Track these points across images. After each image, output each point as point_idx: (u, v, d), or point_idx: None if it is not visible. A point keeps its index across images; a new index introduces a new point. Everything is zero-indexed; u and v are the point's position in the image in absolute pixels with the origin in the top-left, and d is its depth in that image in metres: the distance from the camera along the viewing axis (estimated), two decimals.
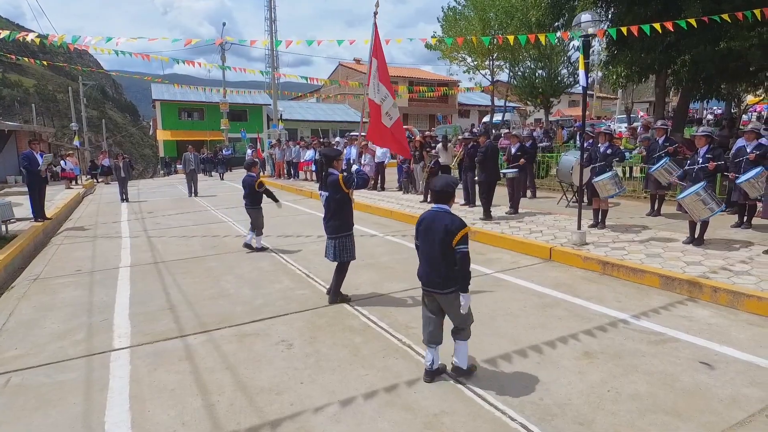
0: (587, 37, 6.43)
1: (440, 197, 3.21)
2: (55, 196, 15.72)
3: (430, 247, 3.15)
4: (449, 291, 3.14)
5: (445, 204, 3.20)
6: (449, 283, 3.13)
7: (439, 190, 3.20)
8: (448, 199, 3.21)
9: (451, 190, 3.22)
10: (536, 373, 3.42)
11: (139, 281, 5.96)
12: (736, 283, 4.80)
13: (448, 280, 3.13)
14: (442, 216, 3.13)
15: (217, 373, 3.52)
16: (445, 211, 3.16)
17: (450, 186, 3.21)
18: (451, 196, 3.23)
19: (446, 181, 3.23)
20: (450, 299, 3.16)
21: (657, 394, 3.11)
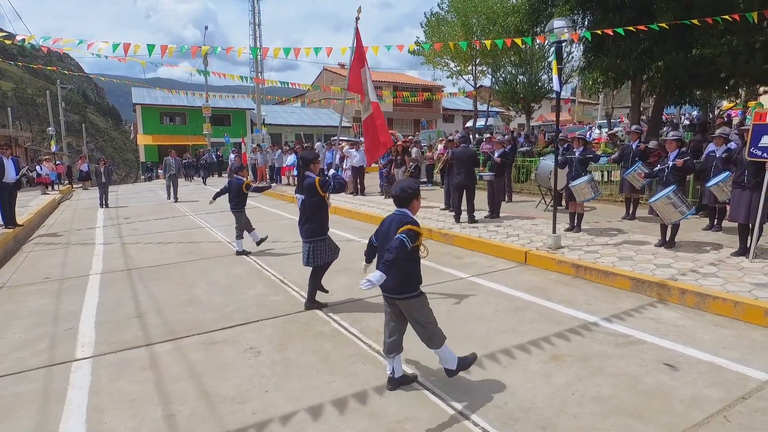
0: (560, 43, 6.53)
1: (400, 201, 3.15)
2: (30, 202, 15.40)
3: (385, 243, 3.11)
4: (407, 296, 3.10)
5: (406, 208, 3.14)
6: (406, 288, 3.09)
7: (397, 194, 3.14)
8: (408, 203, 3.14)
9: (409, 193, 3.13)
10: (503, 376, 3.43)
11: (109, 289, 5.84)
12: (703, 285, 4.88)
13: (405, 283, 3.09)
14: (398, 217, 3.10)
15: (182, 382, 3.45)
16: (403, 214, 3.12)
17: (407, 190, 3.14)
18: (411, 199, 3.15)
19: (403, 185, 3.17)
20: (407, 305, 3.12)
21: (620, 396, 3.14)
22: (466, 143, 9.34)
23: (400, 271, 3.02)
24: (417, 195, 3.17)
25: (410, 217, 3.07)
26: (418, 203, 3.19)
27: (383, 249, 3.10)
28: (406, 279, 3.08)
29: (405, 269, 3.05)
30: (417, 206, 3.19)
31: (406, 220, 3.03)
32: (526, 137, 15.51)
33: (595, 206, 10.43)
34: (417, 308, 3.13)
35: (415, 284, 3.13)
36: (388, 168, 13.34)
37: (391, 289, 3.10)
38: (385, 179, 13.46)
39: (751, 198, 5.66)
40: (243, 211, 7.64)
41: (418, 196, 3.19)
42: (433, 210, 10.72)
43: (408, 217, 3.08)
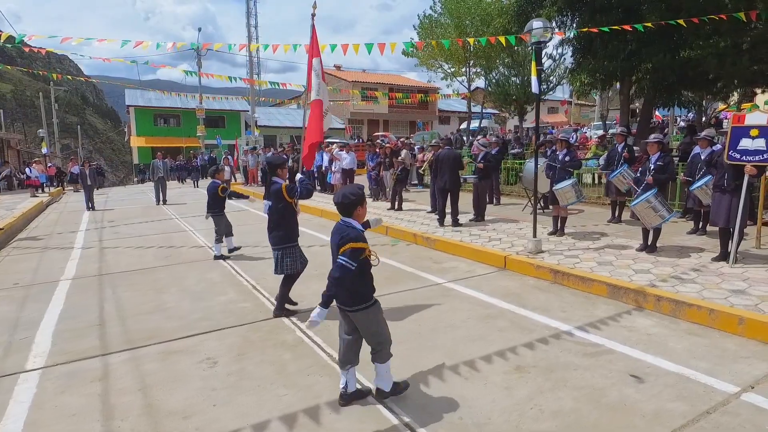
0: (539, 44, 6.42)
1: (343, 209, 3.00)
2: (17, 205, 15.26)
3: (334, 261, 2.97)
4: (358, 308, 2.97)
5: (349, 216, 3.00)
6: (357, 300, 2.97)
7: (338, 203, 2.99)
8: (350, 211, 2.99)
9: (351, 200, 2.97)
10: (463, 389, 3.30)
11: (76, 295, 5.72)
12: (680, 291, 4.76)
13: (356, 296, 2.96)
14: (342, 228, 2.96)
15: (129, 395, 3.32)
16: (347, 225, 2.97)
17: (349, 197, 2.98)
18: (354, 207, 2.98)
19: (345, 192, 3.02)
20: (359, 317, 3.00)
21: (581, 411, 3.01)
22: (451, 146, 9.22)
23: (351, 286, 2.91)
24: (360, 202, 3.01)
25: (352, 231, 2.91)
26: (363, 210, 3.04)
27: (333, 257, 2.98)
28: (356, 292, 2.96)
29: (354, 284, 2.93)
30: (362, 213, 3.04)
31: (347, 237, 2.88)
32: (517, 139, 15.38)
33: (583, 209, 10.32)
34: (369, 319, 3.01)
35: (367, 295, 3.00)
36: (377, 170, 13.22)
37: (344, 301, 2.99)
38: (374, 182, 13.34)
39: (731, 201, 5.55)
40: (222, 214, 7.51)
41: (363, 202, 3.03)
42: (420, 213, 10.60)
43: (350, 230, 2.93)
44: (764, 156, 5.40)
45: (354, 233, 2.91)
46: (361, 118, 38.47)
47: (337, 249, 2.90)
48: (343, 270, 2.82)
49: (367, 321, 3.01)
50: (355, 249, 2.85)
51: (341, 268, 2.82)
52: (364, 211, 3.07)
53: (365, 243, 2.93)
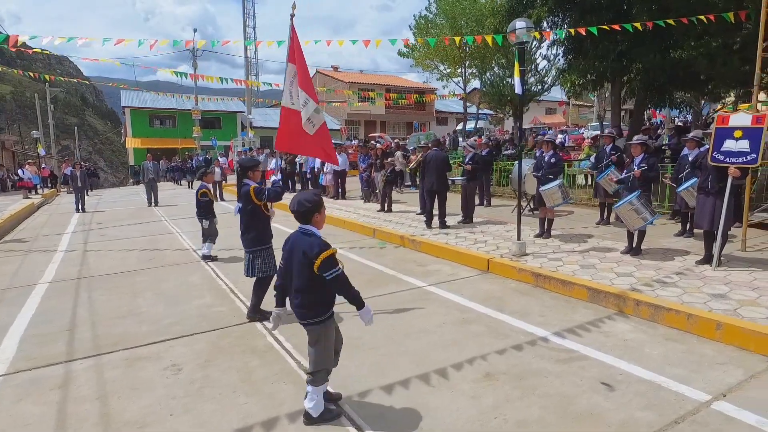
0: (522, 45, 6.35)
1: (300, 217, 2.88)
2: (9, 207, 15.19)
3: (293, 270, 2.85)
4: (312, 321, 2.85)
5: (308, 223, 2.87)
6: (308, 314, 2.84)
7: (295, 210, 2.87)
8: (308, 218, 2.87)
9: (307, 207, 2.86)
10: (429, 398, 3.22)
11: (51, 299, 5.64)
12: (659, 295, 4.68)
13: (313, 309, 2.84)
14: (302, 239, 2.83)
15: (87, 404, 3.24)
16: (306, 233, 2.86)
17: (305, 203, 2.86)
18: (312, 214, 2.87)
19: (301, 199, 2.89)
20: (311, 330, 2.87)
21: (546, 420, 2.93)
22: (439, 147, 9.14)
23: (314, 296, 2.82)
24: (318, 208, 2.88)
25: (318, 243, 2.79)
26: (321, 217, 2.92)
27: (288, 274, 2.88)
28: (313, 305, 2.84)
29: (318, 294, 2.83)
30: (320, 220, 2.93)
31: (318, 248, 2.75)
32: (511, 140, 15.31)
33: (573, 210, 10.26)
34: (320, 335, 2.88)
35: (322, 310, 2.87)
36: (368, 172, 13.14)
37: (299, 314, 2.87)
38: (365, 183, 13.26)
39: (715, 204, 5.47)
40: (209, 217, 7.41)
41: (320, 209, 2.90)
42: (409, 215, 10.53)
43: (315, 240, 2.81)
44: (747, 158, 5.33)
45: (319, 244, 2.78)
46: (358, 119, 38.40)
47: (303, 259, 2.76)
48: (338, 280, 2.78)
49: (316, 335, 2.88)
50: (330, 257, 2.76)
51: (336, 278, 2.77)
52: (322, 218, 2.94)
53: (333, 248, 2.83)
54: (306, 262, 2.76)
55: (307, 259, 2.75)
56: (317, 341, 2.88)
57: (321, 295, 2.85)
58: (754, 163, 5.34)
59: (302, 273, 2.79)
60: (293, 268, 2.83)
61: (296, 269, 2.82)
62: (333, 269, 2.77)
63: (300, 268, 2.79)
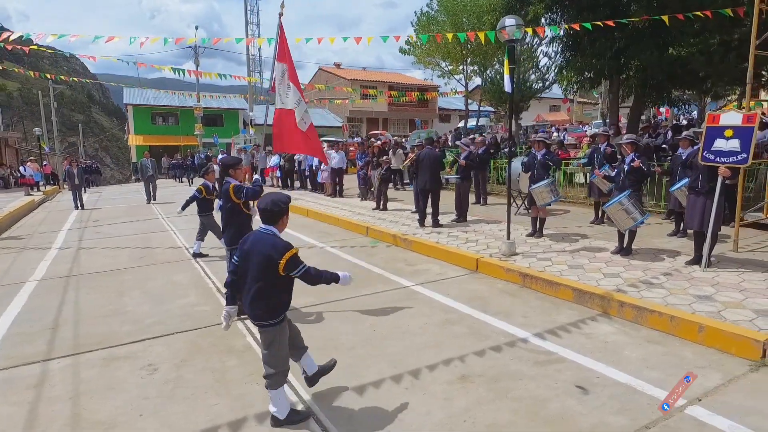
0: (512, 42, 6.28)
1: (268, 216, 2.85)
2: (9, 204, 15.30)
3: (250, 270, 2.81)
4: (266, 324, 2.83)
5: (273, 225, 2.85)
6: (268, 316, 2.82)
7: (263, 209, 2.84)
8: (276, 219, 2.84)
9: (281, 208, 2.84)
10: (401, 400, 3.20)
11: (38, 297, 5.66)
12: (644, 296, 4.62)
13: (268, 313, 2.82)
14: (263, 240, 2.80)
15: (58, 404, 3.24)
16: (268, 233, 2.83)
17: (279, 204, 2.84)
18: (281, 216, 2.85)
19: (275, 199, 2.87)
20: (265, 333, 2.86)
21: (516, 424, 2.90)
22: (432, 145, 9.09)
23: (268, 299, 2.80)
24: (287, 211, 2.87)
25: (281, 244, 2.78)
26: (286, 219, 2.91)
27: (243, 273, 2.85)
28: (271, 307, 2.83)
29: (272, 297, 2.81)
30: (285, 223, 2.91)
31: (283, 248, 2.75)
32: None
33: (569, 209, 10.19)
34: (274, 337, 2.87)
35: (279, 312, 2.86)
36: (365, 170, 13.11)
37: (255, 316, 2.85)
38: (362, 181, 13.23)
39: (705, 204, 5.40)
40: (209, 215, 7.37)
41: (288, 212, 2.90)
42: (404, 213, 10.49)
43: (278, 241, 2.80)
44: (738, 157, 5.25)
45: (283, 245, 2.78)
46: (360, 116, 38.35)
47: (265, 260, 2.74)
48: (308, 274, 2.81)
49: (269, 338, 2.87)
50: (293, 256, 2.76)
51: (305, 273, 2.80)
52: (287, 222, 2.93)
53: (296, 248, 2.81)
54: (269, 263, 2.73)
55: (270, 260, 2.73)
56: (271, 344, 2.87)
57: (279, 298, 2.84)
58: (745, 163, 5.26)
59: (263, 274, 2.76)
60: (250, 268, 2.80)
61: (255, 270, 2.78)
62: (298, 267, 2.78)
63: (260, 270, 2.77)
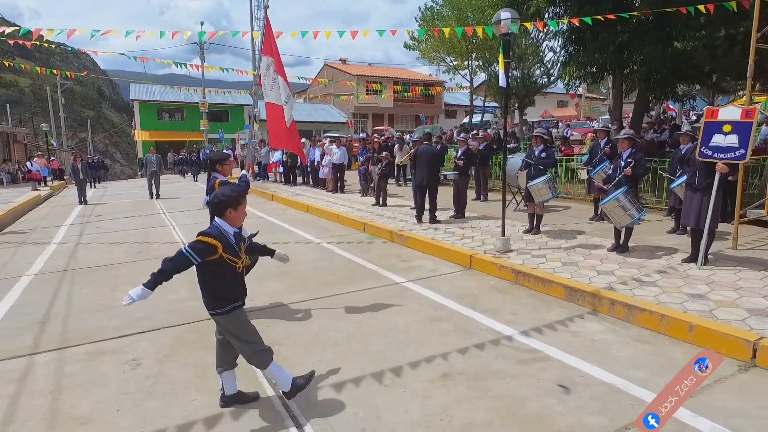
0: (506, 36, 6.19)
1: (214, 210, 2.87)
2: (16, 198, 15.48)
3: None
4: (215, 312, 2.88)
5: (221, 218, 2.84)
6: (214, 304, 2.87)
7: (210, 201, 2.91)
8: (221, 212, 2.83)
9: (218, 201, 2.83)
10: (380, 397, 3.17)
11: (32, 291, 5.71)
12: (636, 295, 4.55)
13: (212, 301, 2.88)
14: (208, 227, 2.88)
15: (39, 398, 3.26)
16: (212, 224, 2.88)
17: (219, 197, 2.83)
18: (225, 209, 2.82)
19: (218, 192, 2.88)
20: (220, 320, 2.91)
21: (492, 423, 2.86)
22: (429, 141, 9.03)
23: (205, 288, 2.87)
24: (232, 204, 2.82)
25: (208, 229, 2.81)
26: (236, 214, 2.86)
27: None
28: (212, 296, 2.87)
29: (208, 285, 2.87)
30: (235, 217, 2.87)
31: (201, 231, 2.79)
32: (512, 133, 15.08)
33: (570, 206, 10.09)
34: (231, 325, 2.90)
35: (223, 301, 2.86)
36: (366, 165, 13.06)
37: (204, 302, 2.92)
38: (363, 177, 13.19)
39: (702, 201, 5.29)
40: None
41: (236, 205, 2.85)
42: (403, 209, 10.45)
43: (209, 227, 2.83)
44: (736, 153, 5.14)
45: (206, 230, 2.78)
46: (365, 112, 38.24)
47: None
48: (180, 256, 2.73)
49: (228, 325, 2.91)
50: (201, 242, 2.73)
51: (180, 253, 2.74)
52: (238, 215, 2.89)
53: (218, 242, 2.76)
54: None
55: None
56: (230, 331, 2.91)
57: (215, 286, 2.85)
58: (743, 159, 5.15)
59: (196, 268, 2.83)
60: None
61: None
62: (191, 251, 2.71)
63: None
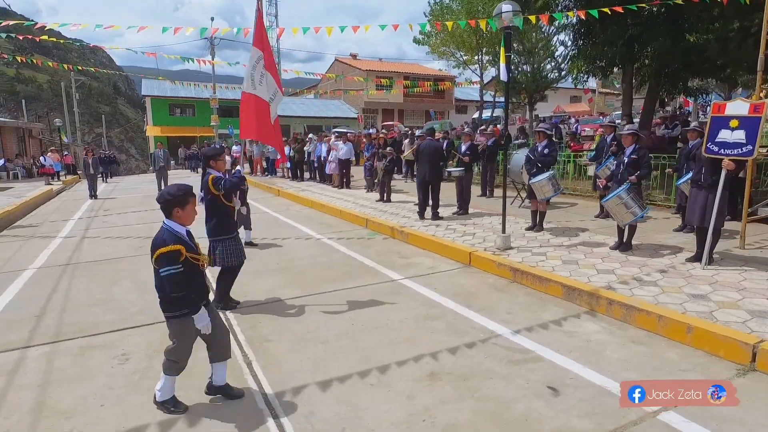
0: (508, 29, 6.07)
1: (162, 210, 2.83)
2: (28, 193, 15.73)
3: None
4: (168, 315, 2.88)
5: (169, 217, 2.82)
6: (164, 307, 2.87)
7: (157, 199, 2.84)
8: (168, 211, 2.81)
9: (164, 200, 2.80)
10: (364, 396, 3.13)
11: (33, 285, 5.77)
12: (635, 294, 4.43)
13: (160, 302, 2.88)
14: (157, 234, 2.82)
15: (26, 392, 3.28)
16: (162, 227, 2.83)
17: (164, 196, 2.81)
18: (171, 207, 2.79)
19: (164, 191, 2.86)
20: (168, 324, 2.91)
21: (475, 425, 2.80)
22: (432, 137, 8.93)
23: (162, 291, 2.85)
24: (178, 203, 2.80)
25: (161, 238, 2.76)
26: (184, 213, 2.83)
27: None
28: (168, 300, 2.85)
29: (157, 290, 2.86)
30: (183, 216, 2.83)
31: (160, 243, 2.74)
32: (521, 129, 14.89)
33: (577, 202, 9.92)
34: (174, 330, 2.91)
35: (176, 306, 2.85)
36: (372, 161, 13.01)
37: (160, 306, 2.92)
38: (368, 172, 13.14)
39: (707, 198, 5.13)
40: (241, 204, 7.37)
41: (183, 204, 2.81)
42: (407, 205, 10.37)
43: (162, 234, 2.79)
44: (743, 149, 4.97)
45: (161, 239, 2.74)
46: (375, 107, 38.14)
47: (152, 253, 2.78)
48: (169, 280, 2.72)
49: (171, 330, 2.91)
50: (166, 254, 2.70)
51: (168, 278, 2.71)
52: (186, 214, 2.85)
53: (179, 245, 2.75)
54: (152, 256, 2.75)
55: (152, 253, 2.75)
56: (173, 335, 2.91)
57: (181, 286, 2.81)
58: (750, 156, 4.98)
59: (153, 268, 2.80)
60: None
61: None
62: (167, 266, 2.70)
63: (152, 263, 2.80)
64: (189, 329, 2.88)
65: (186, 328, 2.88)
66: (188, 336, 2.91)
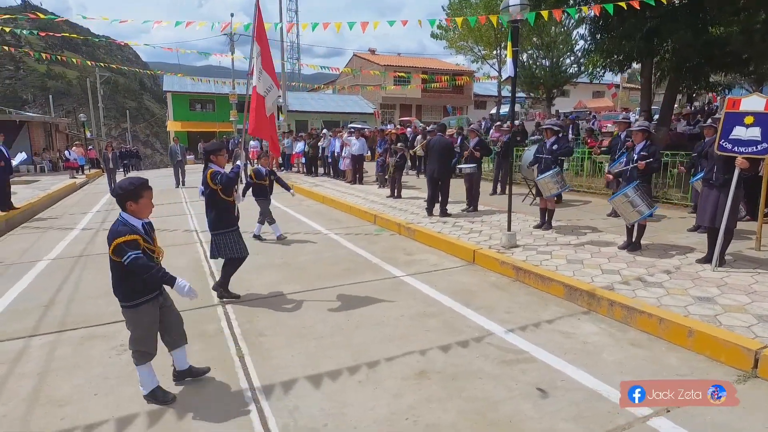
0: (515, 23, 5.95)
1: (117, 203, 2.88)
2: (52, 186, 16.21)
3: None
4: (122, 305, 2.96)
5: (123, 210, 2.87)
6: (121, 298, 2.94)
7: (111, 193, 2.93)
8: (122, 204, 2.85)
9: (117, 194, 2.85)
10: (350, 393, 3.13)
11: (46, 275, 5.95)
12: (639, 296, 4.32)
13: (116, 292, 2.96)
14: (113, 224, 2.87)
15: (25, 380, 3.39)
16: (117, 220, 2.87)
17: (117, 189, 2.86)
18: (124, 200, 2.84)
19: (116, 185, 2.92)
20: (124, 313, 2.98)
21: (458, 426, 2.77)
22: (443, 132, 8.85)
23: (118, 281, 2.91)
24: (131, 196, 2.84)
25: (114, 229, 2.82)
26: (137, 207, 2.87)
27: None
28: (123, 290, 2.93)
29: (120, 281, 2.91)
30: (137, 210, 2.88)
31: (113, 234, 2.80)
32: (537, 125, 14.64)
33: (591, 200, 9.72)
34: (129, 319, 2.99)
35: (131, 296, 2.92)
36: (384, 157, 12.97)
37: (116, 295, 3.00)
38: (380, 168, 13.11)
39: (719, 198, 4.96)
40: (264, 198, 7.42)
41: (135, 197, 2.85)
42: (417, 201, 10.32)
43: (114, 227, 2.84)
44: (758, 147, 4.77)
45: (115, 230, 2.80)
46: (393, 102, 37.99)
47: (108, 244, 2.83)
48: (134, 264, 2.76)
49: (127, 319, 2.99)
50: (125, 242, 2.76)
51: (132, 262, 2.75)
52: (140, 208, 2.89)
53: (134, 235, 2.80)
54: (109, 247, 2.80)
55: (108, 243, 2.80)
56: (130, 324, 2.99)
57: (127, 283, 2.89)
58: (765, 153, 4.77)
59: (110, 259, 2.86)
60: None
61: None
62: (130, 252, 2.75)
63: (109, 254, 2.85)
64: (144, 317, 2.97)
65: (143, 315, 2.96)
66: (144, 324, 2.99)
